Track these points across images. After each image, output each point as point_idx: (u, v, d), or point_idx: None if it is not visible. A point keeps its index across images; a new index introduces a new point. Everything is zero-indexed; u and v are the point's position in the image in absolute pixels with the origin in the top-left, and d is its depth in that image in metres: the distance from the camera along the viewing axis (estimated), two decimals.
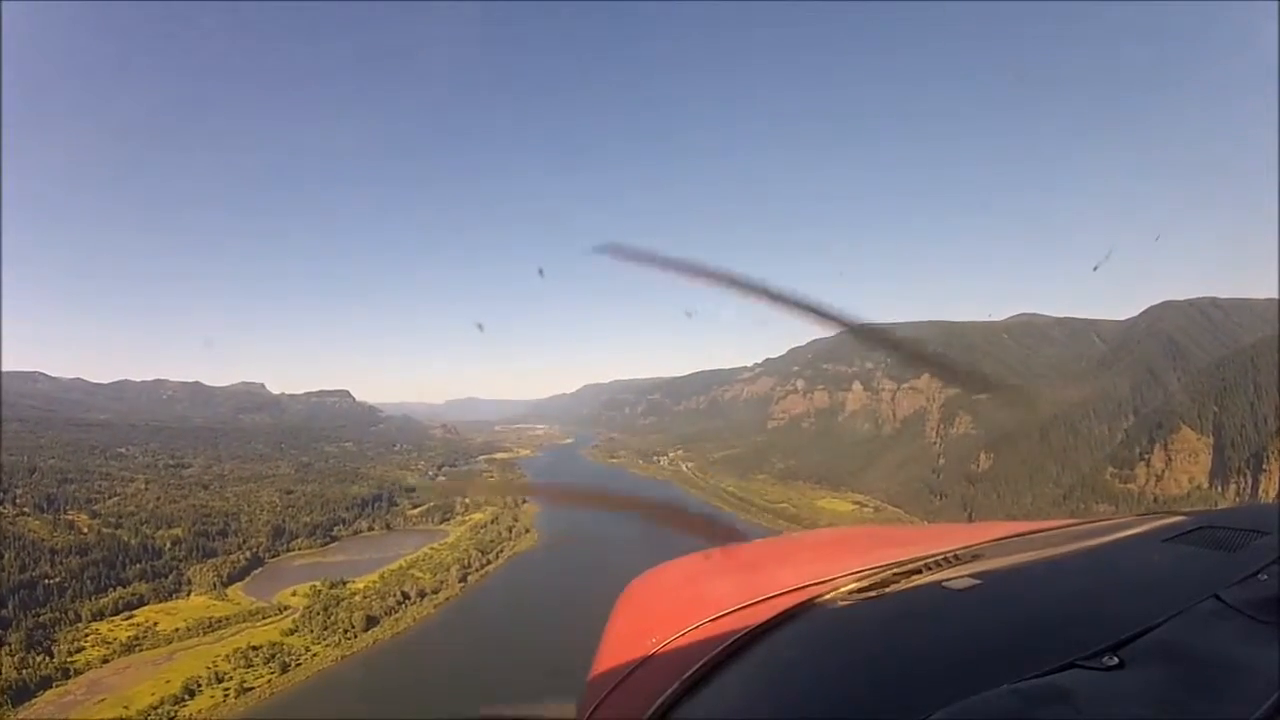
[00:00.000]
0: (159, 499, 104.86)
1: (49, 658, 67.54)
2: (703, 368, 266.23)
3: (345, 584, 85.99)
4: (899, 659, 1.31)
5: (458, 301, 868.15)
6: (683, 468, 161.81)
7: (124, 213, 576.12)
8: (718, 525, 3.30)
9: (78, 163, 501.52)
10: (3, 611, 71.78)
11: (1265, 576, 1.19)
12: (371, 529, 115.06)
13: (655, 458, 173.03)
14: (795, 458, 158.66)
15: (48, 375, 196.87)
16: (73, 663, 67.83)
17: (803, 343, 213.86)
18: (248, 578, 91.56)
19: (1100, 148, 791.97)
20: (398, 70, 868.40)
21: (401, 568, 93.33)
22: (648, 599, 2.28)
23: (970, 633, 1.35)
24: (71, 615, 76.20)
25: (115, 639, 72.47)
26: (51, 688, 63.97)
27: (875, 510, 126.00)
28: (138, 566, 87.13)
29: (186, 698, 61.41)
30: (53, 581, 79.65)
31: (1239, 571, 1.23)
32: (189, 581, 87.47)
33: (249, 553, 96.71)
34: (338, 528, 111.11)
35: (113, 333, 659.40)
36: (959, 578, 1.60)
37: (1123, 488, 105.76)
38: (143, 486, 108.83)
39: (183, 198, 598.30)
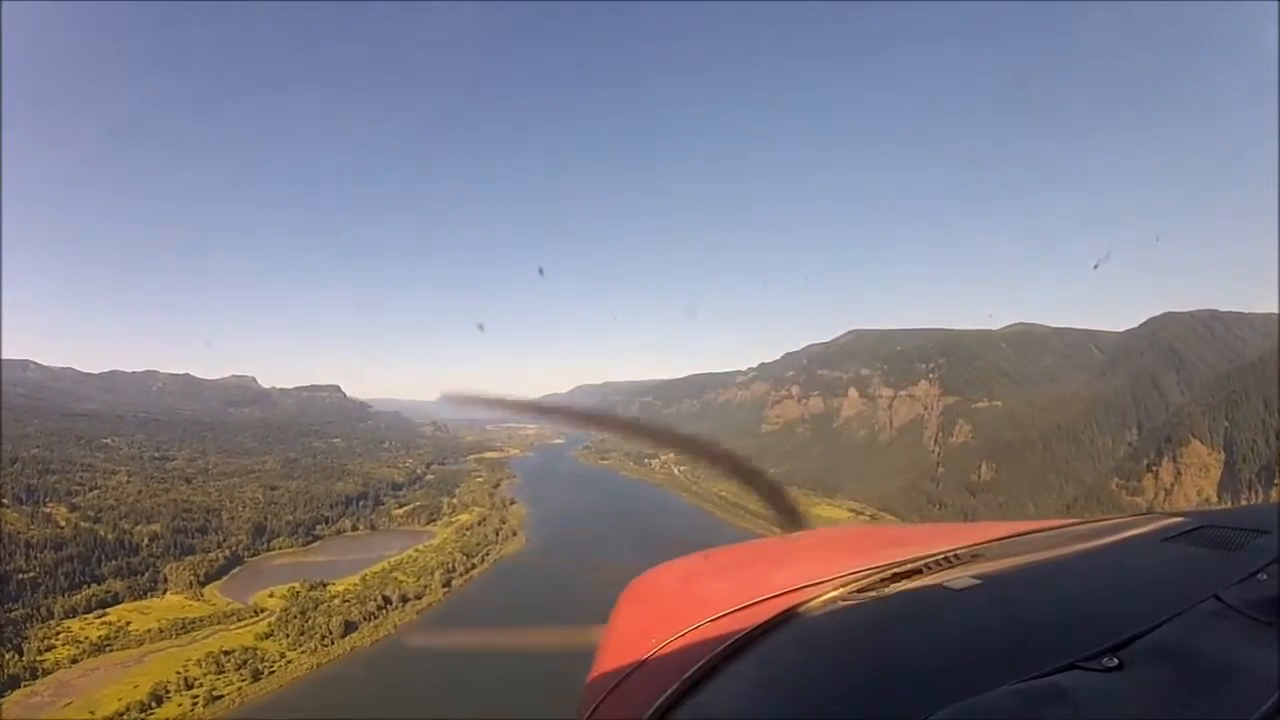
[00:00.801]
0: (140, 493, 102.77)
1: (19, 655, 65.61)
2: (695, 371, 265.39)
3: (325, 586, 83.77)
4: (899, 659, 1.31)
5: (453, 298, 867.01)
6: (675, 471, 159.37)
7: (123, 204, 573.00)
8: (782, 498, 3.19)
9: (74, 154, 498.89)
10: None
11: (1265, 576, 1.20)
12: (355, 528, 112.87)
13: (647, 460, 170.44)
14: (790, 464, 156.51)
15: (39, 364, 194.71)
16: (42, 662, 65.85)
17: (798, 347, 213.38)
18: (226, 577, 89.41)
19: (1099, 151, 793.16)
20: (396, 69, 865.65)
21: (384, 570, 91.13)
22: (648, 599, 2.26)
23: (970, 633, 1.36)
24: (44, 612, 74.30)
25: (86, 638, 70.52)
26: (19, 688, 62.01)
27: (872, 519, 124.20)
28: (114, 563, 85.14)
29: (153, 704, 59.29)
30: (26, 576, 77.71)
31: (1239, 571, 1.23)
32: (165, 580, 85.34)
33: (228, 551, 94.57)
34: (320, 526, 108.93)
35: (108, 323, 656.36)
36: (959, 578, 1.60)
37: (1130, 500, 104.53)
38: (125, 479, 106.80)
39: (182, 189, 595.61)
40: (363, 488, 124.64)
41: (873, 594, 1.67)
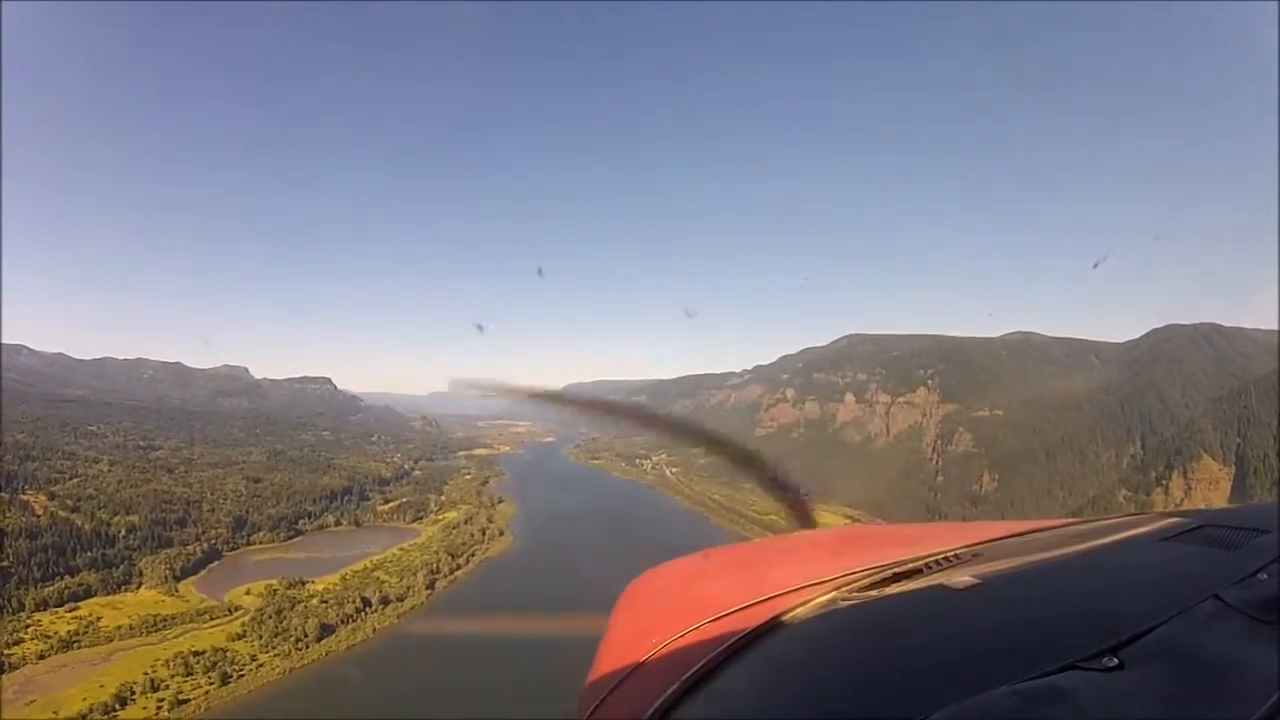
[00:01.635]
0: (120, 482, 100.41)
1: None
2: (689, 371, 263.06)
3: (304, 584, 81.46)
4: (899, 659, 1.31)
5: (447, 293, 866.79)
6: (667, 473, 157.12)
7: (123, 197, 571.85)
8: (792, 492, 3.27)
9: (70, 143, 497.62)
10: None
11: (1265, 576, 1.19)
12: (339, 524, 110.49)
13: (638, 461, 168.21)
14: (784, 468, 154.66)
15: (31, 349, 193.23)
16: (9, 656, 63.87)
17: (794, 350, 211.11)
18: (202, 571, 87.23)
19: (1099, 157, 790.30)
20: (393, 62, 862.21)
21: (366, 569, 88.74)
22: (647, 599, 2.26)
23: (970, 633, 1.36)
24: (14, 604, 72.18)
25: (55, 633, 68.56)
26: None
27: None
28: (89, 554, 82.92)
29: (117, 706, 57.29)
30: None
31: (1239, 571, 1.23)
32: (140, 573, 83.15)
33: (206, 544, 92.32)
34: (303, 521, 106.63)
35: (102, 311, 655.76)
36: (959, 578, 1.60)
37: None
38: (106, 468, 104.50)
39: (183, 178, 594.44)
40: (348, 482, 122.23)
41: (873, 594, 1.67)
